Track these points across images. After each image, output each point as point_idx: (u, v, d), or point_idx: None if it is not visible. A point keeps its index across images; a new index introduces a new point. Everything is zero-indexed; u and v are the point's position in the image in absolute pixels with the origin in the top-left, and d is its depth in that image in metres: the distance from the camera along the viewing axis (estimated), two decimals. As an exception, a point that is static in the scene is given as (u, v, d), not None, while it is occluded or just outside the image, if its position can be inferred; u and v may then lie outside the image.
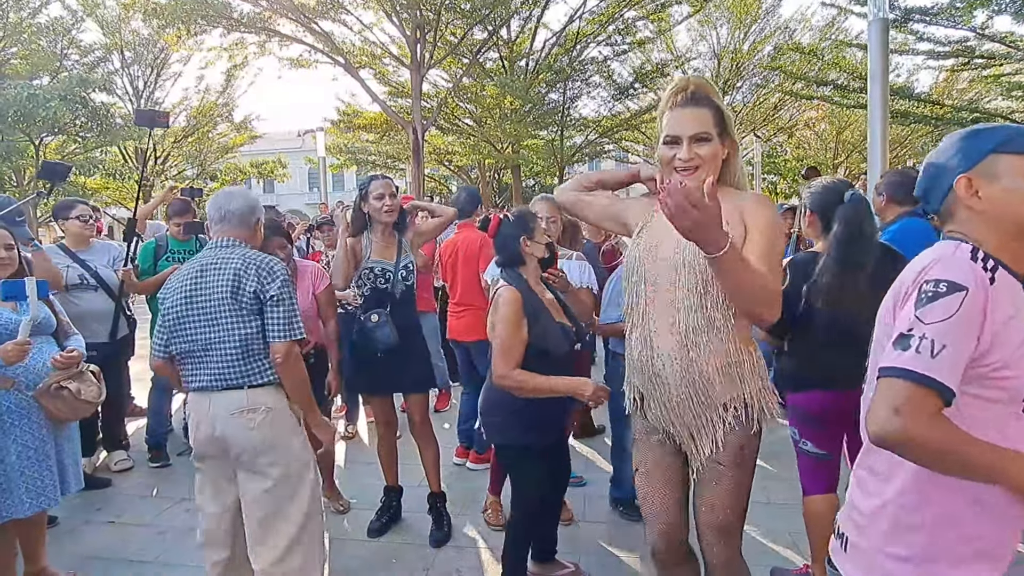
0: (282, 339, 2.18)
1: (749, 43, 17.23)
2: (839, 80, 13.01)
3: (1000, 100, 13.81)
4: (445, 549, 3.11)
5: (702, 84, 1.81)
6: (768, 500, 3.52)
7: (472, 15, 14.42)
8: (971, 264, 1.15)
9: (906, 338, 1.11)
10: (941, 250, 1.21)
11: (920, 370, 1.07)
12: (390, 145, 19.48)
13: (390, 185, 3.22)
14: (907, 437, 1.07)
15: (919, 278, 1.17)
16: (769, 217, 1.74)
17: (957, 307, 1.09)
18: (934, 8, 9.91)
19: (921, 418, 1.07)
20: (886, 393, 1.10)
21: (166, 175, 19.87)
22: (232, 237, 2.29)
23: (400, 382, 3.22)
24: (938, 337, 1.08)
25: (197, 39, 15.64)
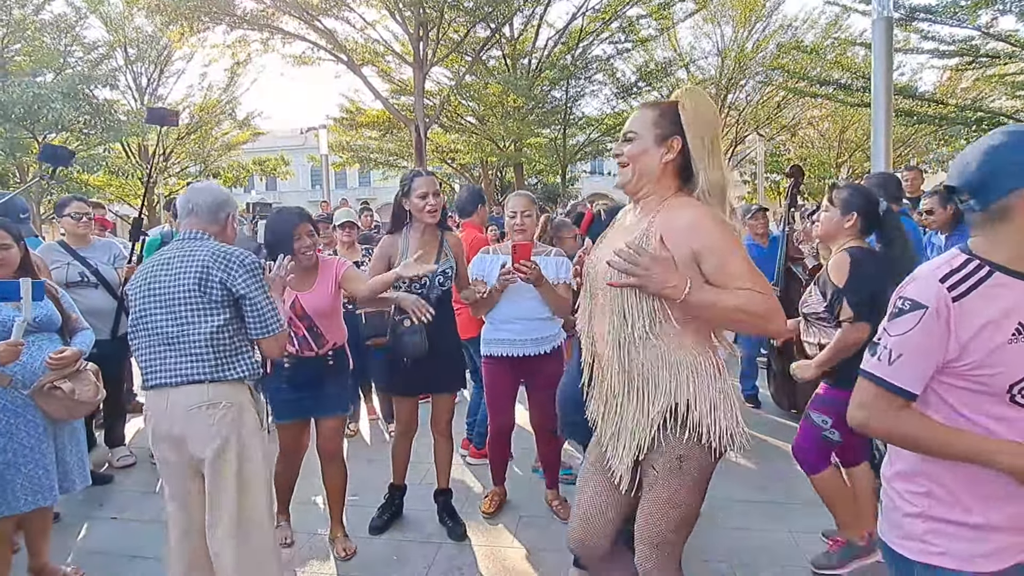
0: (263, 335, 2.17)
1: (752, 41, 17.19)
2: (842, 79, 12.97)
3: (1004, 99, 13.75)
4: (445, 546, 3.11)
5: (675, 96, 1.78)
6: (768, 499, 3.53)
7: (475, 13, 14.43)
8: (937, 286, 1.29)
9: (875, 345, 1.36)
10: (932, 265, 1.36)
11: (880, 374, 1.33)
12: (393, 143, 19.50)
13: (434, 183, 3.08)
14: (868, 427, 1.38)
15: (899, 291, 1.35)
16: (714, 231, 1.64)
17: (915, 323, 1.29)
18: (938, 7, 9.87)
19: (881, 414, 1.34)
20: (858, 390, 1.38)
21: (169, 172, 19.90)
22: (200, 230, 2.24)
23: (428, 384, 3.17)
24: (895, 348, 1.31)
25: (200, 36, 15.70)
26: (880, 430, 1.37)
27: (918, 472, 1.39)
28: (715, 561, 2.73)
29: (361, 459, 4.19)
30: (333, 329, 2.95)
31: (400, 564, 2.98)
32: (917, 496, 1.39)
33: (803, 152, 20.04)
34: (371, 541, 3.16)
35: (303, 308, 2.85)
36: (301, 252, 2.82)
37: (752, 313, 1.59)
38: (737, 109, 18.59)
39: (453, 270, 3.13)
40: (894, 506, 1.44)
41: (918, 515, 1.38)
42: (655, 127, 1.72)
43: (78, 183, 16.82)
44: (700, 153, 1.68)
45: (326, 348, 2.91)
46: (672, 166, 1.72)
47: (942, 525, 1.36)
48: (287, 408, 2.94)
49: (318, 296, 2.88)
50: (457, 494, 3.45)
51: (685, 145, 1.69)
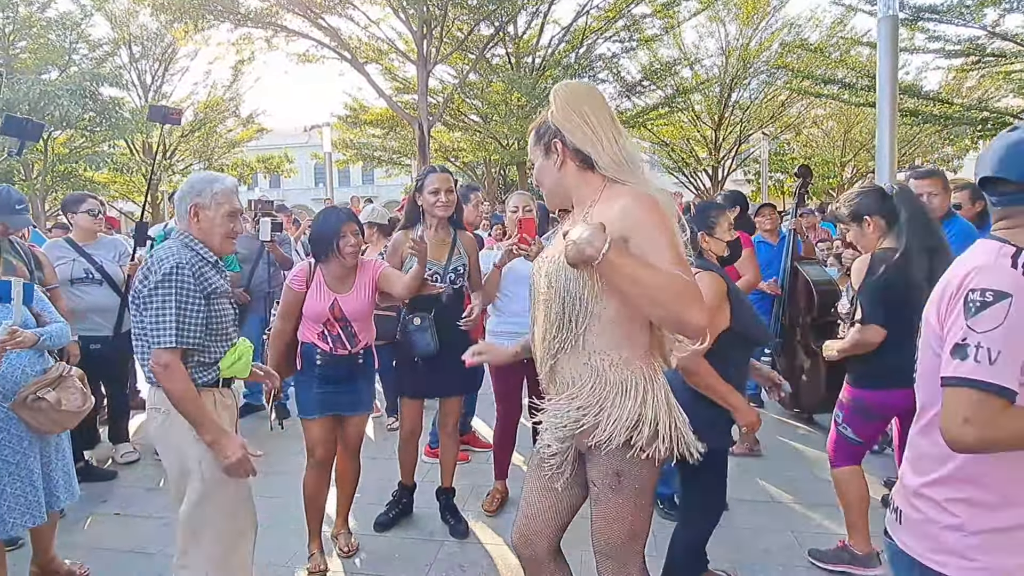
0: (154, 345, 2.02)
1: (757, 40, 17.15)
2: (847, 78, 12.94)
3: (1011, 98, 13.71)
4: (447, 544, 3.12)
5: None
6: (770, 499, 3.53)
7: (479, 11, 14.42)
8: (1011, 271, 1.23)
9: (962, 348, 1.20)
10: (983, 255, 1.29)
11: (982, 378, 1.18)
12: (396, 141, 19.52)
13: (448, 180, 3.10)
14: (980, 441, 1.19)
15: (963, 285, 1.25)
16: (644, 213, 1.55)
17: (1005, 314, 1.18)
18: (944, 6, 9.85)
19: (989, 421, 1.18)
20: (954, 404, 1.21)
21: (173, 169, 19.95)
22: (177, 226, 2.21)
23: (439, 386, 3.17)
24: (993, 344, 1.18)
25: (204, 34, 15.73)
26: (997, 439, 1.20)
27: (960, 476, 1.31)
28: (717, 560, 2.73)
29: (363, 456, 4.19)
30: (365, 329, 2.93)
31: (402, 562, 2.99)
32: (957, 504, 1.31)
33: (807, 151, 19.99)
34: (373, 539, 3.17)
35: (342, 311, 2.82)
36: (346, 251, 2.79)
37: (674, 293, 1.46)
38: (741, 108, 18.54)
39: (466, 268, 3.16)
40: (928, 518, 1.35)
41: (958, 527, 1.30)
42: (537, 142, 1.72)
43: (83, 180, 16.86)
44: (584, 140, 1.63)
45: (359, 347, 2.89)
46: (574, 167, 1.67)
47: (985, 536, 1.29)
48: (317, 404, 2.86)
49: (356, 299, 2.86)
50: (461, 492, 3.45)
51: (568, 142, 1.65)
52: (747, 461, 4.01)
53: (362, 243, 2.93)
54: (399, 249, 3.13)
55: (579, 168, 1.67)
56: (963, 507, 1.29)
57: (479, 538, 3.19)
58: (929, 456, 1.35)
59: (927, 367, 1.37)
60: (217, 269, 2.22)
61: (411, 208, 3.16)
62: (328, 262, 2.82)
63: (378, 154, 20.21)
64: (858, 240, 2.76)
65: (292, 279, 2.86)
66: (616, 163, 1.62)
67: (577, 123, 1.63)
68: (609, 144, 1.62)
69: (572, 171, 1.68)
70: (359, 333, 2.88)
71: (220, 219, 2.16)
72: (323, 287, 2.83)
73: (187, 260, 2.07)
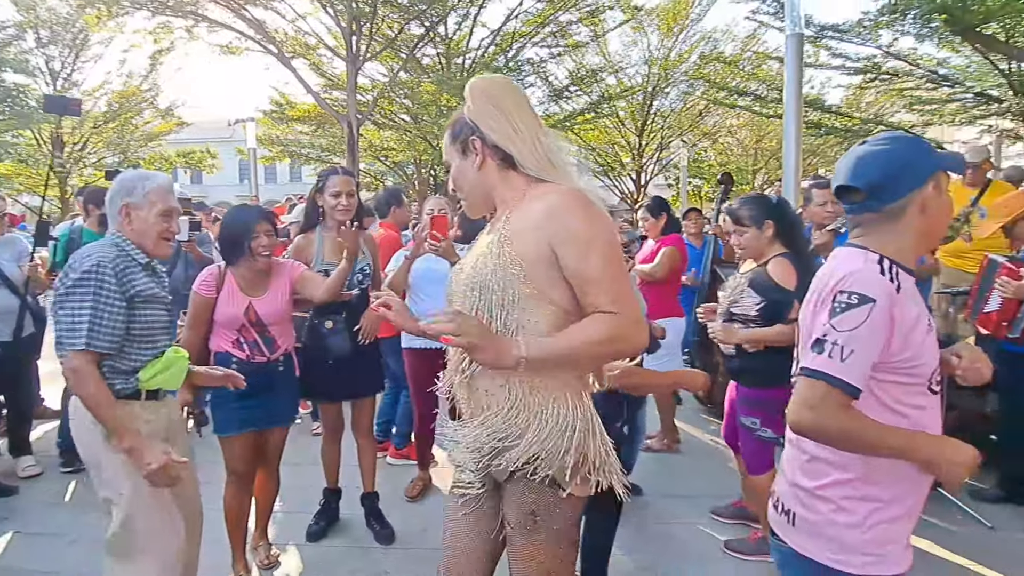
0: (66, 347, 1.91)
1: (677, 51, 17.85)
2: (758, 91, 13.66)
3: (903, 113, 14.81)
4: (372, 551, 3.11)
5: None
6: (688, 492, 3.76)
7: (409, 9, 14.37)
8: (881, 278, 1.32)
9: (821, 343, 1.30)
10: (851, 262, 1.36)
11: (832, 372, 1.28)
12: (324, 138, 19.15)
13: (350, 183, 3.06)
14: (816, 427, 1.30)
15: (834, 288, 1.33)
16: (576, 217, 1.40)
17: (865, 317, 1.27)
18: (845, 26, 10.56)
19: (830, 412, 1.27)
20: (803, 391, 1.32)
21: (84, 163, 18.90)
22: (110, 227, 2.12)
23: (352, 387, 3.15)
24: (848, 343, 1.27)
25: (119, 21, 15.00)
26: (831, 431, 1.29)
27: (857, 477, 1.35)
28: (636, 553, 2.90)
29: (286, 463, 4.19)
30: (284, 334, 2.83)
31: (323, 571, 2.96)
32: (856, 502, 1.35)
33: (723, 159, 20.99)
34: (294, 549, 3.13)
35: (256, 314, 2.70)
36: (258, 252, 2.67)
37: (612, 341, 1.37)
38: (662, 115, 19.26)
39: (371, 268, 3.16)
40: (828, 519, 1.38)
41: (858, 524, 1.35)
42: (453, 141, 1.59)
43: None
44: (504, 137, 1.50)
45: (278, 353, 2.78)
46: (494, 166, 1.54)
47: (883, 527, 1.35)
48: (236, 420, 2.69)
49: (272, 302, 2.75)
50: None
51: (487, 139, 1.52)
52: (665, 456, 4.30)
53: (277, 243, 2.81)
54: (303, 252, 3.07)
55: (500, 167, 1.53)
56: (861, 504, 1.35)
57: (406, 543, 3.19)
58: (825, 460, 1.39)
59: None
60: (150, 272, 2.10)
61: (311, 209, 3.09)
62: (239, 264, 2.69)
63: (306, 151, 19.76)
64: (753, 241, 2.90)
65: (200, 284, 2.70)
66: (539, 161, 1.50)
67: (496, 118, 1.50)
68: (532, 141, 1.50)
69: (492, 170, 1.54)
70: (277, 338, 2.76)
71: (154, 219, 2.05)
72: (235, 291, 2.69)
73: (110, 259, 1.96)
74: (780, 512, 1.49)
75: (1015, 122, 11.95)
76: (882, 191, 1.36)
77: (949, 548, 3.16)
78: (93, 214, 4.20)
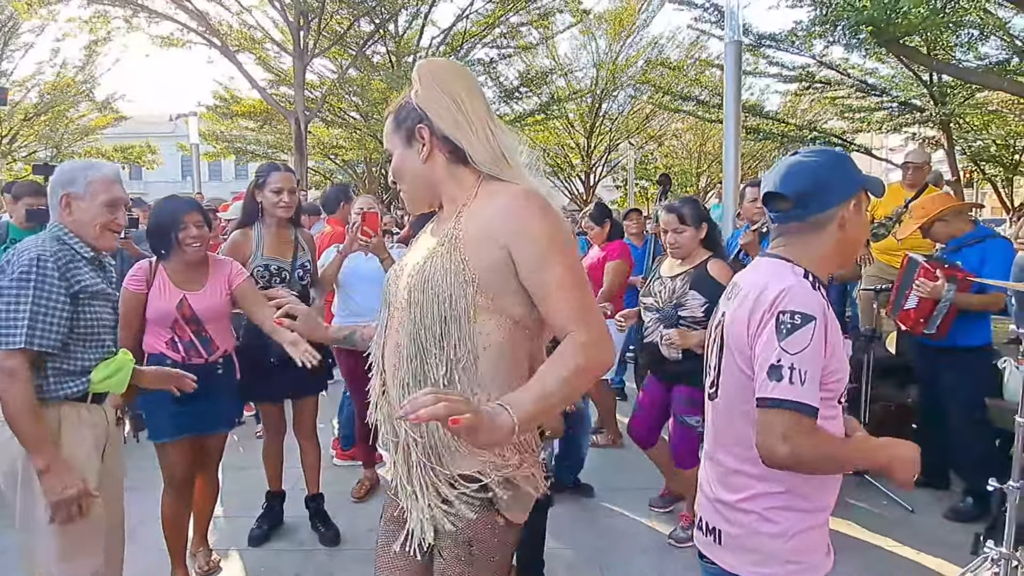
0: (1, 346, 1.76)
1: (624, 55, 18.26)
2: (701, 96, 14.11)
3: (835, 120, 15.54)
4: (316, 553, 3.10)
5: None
6: (632, 487, 3.85)
7: (358, 6, 14.24)
8: (814, 293, 1.32)
9: (777, 369, 1.26)
10: (782, 277, 1.35)
11: (796, 399, 1.24)
12: (272, 135, 18.76)
13: (291, 180, 3.02)
14: (797, 458, 1.25)
15: (774, 307, 1.30)
16: (534, 219, 1.27)
17: (811, 336, 1.26)
18: (780, 35, 11.02)
19: (803, 438, 1.24)
20: (772, 422, 1.25)
21: (14, 156, 18.00)
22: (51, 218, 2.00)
23: (293, 387, 3.08)
24: (801, 365, 1.25)
25: (51, 8, 14.35)
26: (807, 458, 1.25)
27: (778, 487, 1.36)
28: (582, 549, 2.99)
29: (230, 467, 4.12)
30: (223, 334, 2.70)
31: (266, 575, 2.93)
32: (778, 512, 1.36)
33: (668, 161, 21.65)
34: (237, 554, 3.08)
35: (192, 310, 2.57)
36: (186, 244, 2.56)
37: (585, 372, 1.22)
38: (610, 118, 19.70)
39: (311, 264, 3.15)
40: (751, 530, 1.38)
41: (780, 534, 1.35)
42: (397, 130, 1.41)
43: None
44: (455, 128, 1.34)
45: (217, 355, 2.65)
46: (443, 160, 1.37)
47: (805, 535, 1.36)
48: (172, 425, 2.56)
49: (209, 296, 2.62)
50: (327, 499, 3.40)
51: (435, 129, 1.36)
52: (610, 452, 4.41)
53: (209, 236, 2.68)
54: (241, 248, 3.01)
55: (449, 161, 1.37)
56: (783, 514, 1.35)
57: (352, 544, 3.17)
58: (747, 473, 1.39)
59: (735, 383, 1.41)
60: (95, 266, 1.99)
61: (250, 204, 3.05)
62: (170, 258, 2.59)
63: (252, 148, 19.31)
64: (689, 241, 3.02)
65: (129, 279, 2.57)
66: (493, 157, 1.34)
67: (447, 107, 1.33)
68: (485, 134, 1.35)
69: (440, 164, 1.38)
70: (215, 338, 2.64)
71: (97, 209, 1.94)
72: (167, 285, 2.57)
73: (52, 252, 1.85)
74: (706, 533, 1.47)
75: (935, 130, 12.69)
76: (809, 201, 1.38)
77: (871, 530, 3.38)
78: (19, 209, 4.01)
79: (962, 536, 3.20)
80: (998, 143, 14.06)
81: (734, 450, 1.43)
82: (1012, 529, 2.51)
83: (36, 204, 3.96)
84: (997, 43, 10.56)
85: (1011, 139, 13.93)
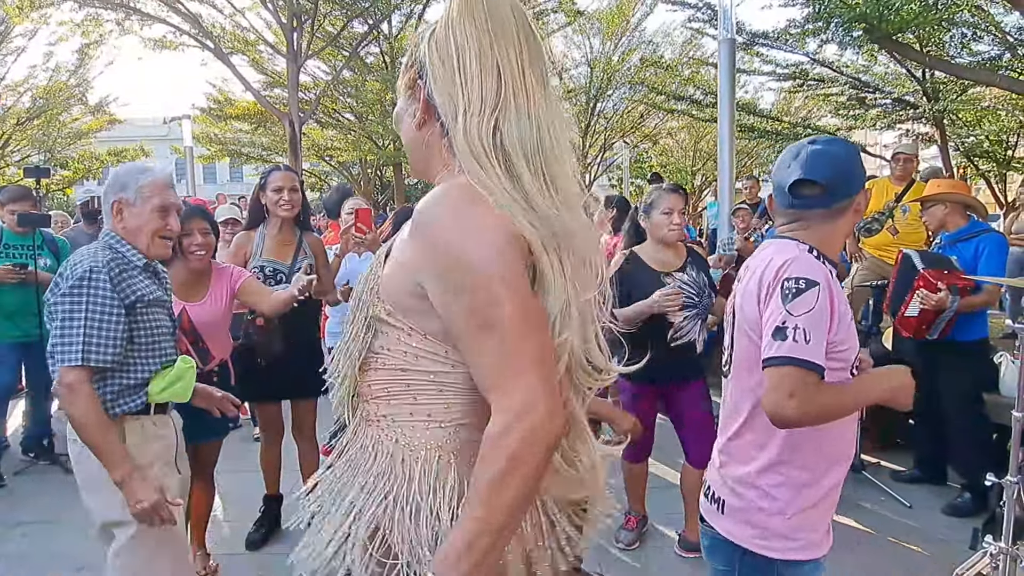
0: (59, 362, 1.76)
1: (619, 54, 18.28)
2: (695, 95, 14.12)
3: (829, 118, 15.58)
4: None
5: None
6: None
7: (352, 7, 14.21)
8: (818, 263, 1.39)
9: (782, 330, 1.31)
10: (785, 250, 1.42)
11: (801, 356, 1.29)
12: (266, 137, 18.73)
13: (292, 179, 3.03)
14: (803, 413, 1.29)
15: (778, 276, 1.36)
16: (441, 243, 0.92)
17: (816, 300, 1.32)
18: (774, 33, 11.03)
19: (809, 394, 1.29)
20: (779, 380, 1.30)
21: (7, 161, 17.91)
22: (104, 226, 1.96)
23: (290, 388, 3.07)
24: (806, 325, 1.30)
25: (43, 12, 14.29)
26: (813, 412, 1.31)
27: (780, 460, 1.41)
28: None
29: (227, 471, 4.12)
30: (220, 343, 2.69)
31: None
32: (780, 488, 1.40)
33: (663, 160, 21.65)
34: (234, 558, 3.07)
35: (190, 321, 2.55)
36: (191, 251, 2.54)
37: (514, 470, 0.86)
38: (605, 117, 19.71)
39: (312, 268, 3.08)
40: (754, 506, 1.43)
41: (780, 511, 1.40)
42: (406, 70, 1.07)
43: None
44: (444, 93, 0.98)
45: (212, 364, 2.62)
46: (437, 130, 1.03)
47: (804, 514, 1.41)
48: None
49: (210, 308, 2.61)
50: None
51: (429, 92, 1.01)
52: None
53: (214, 243, 2.68)
54: (242, 249, 3.02)
55: (441, 134, 1.02)
56: (785, 490, 1.40)
57: None
58: (751, 443, 1.45)
59: (745, 355, 1.46)
60: (150, 273, 1.96)
61: (255, 207, 3.07)
62: (172, 265, 2.49)
63: (246, 150, 19.27)
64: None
65: None
66: (474, 151, 0.94)
67: (449, 60, 0.97)
68: (478, 118, 0.94)
69: (436, 136, 1.03)
70: (212, 348, 2.64)
71: (148, 215, 1.89)
72: None
73: (104, 263, 1.80)
74: (711, 500, 1.54)
75: (929, 127, 12.73)
76: (838, 188, 1.43)
77: (870, 526, 3.40)
78: (11, 214, 4.00)
79: (960, 531, 3.21)
80: (991, 139, 14.10)
81: (740, 421, 1.48)
82: (1010, 524, 2.51)
83: (24, 209, 3.95)
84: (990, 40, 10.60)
85: (1004, 135, 13.96)
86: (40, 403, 4.27)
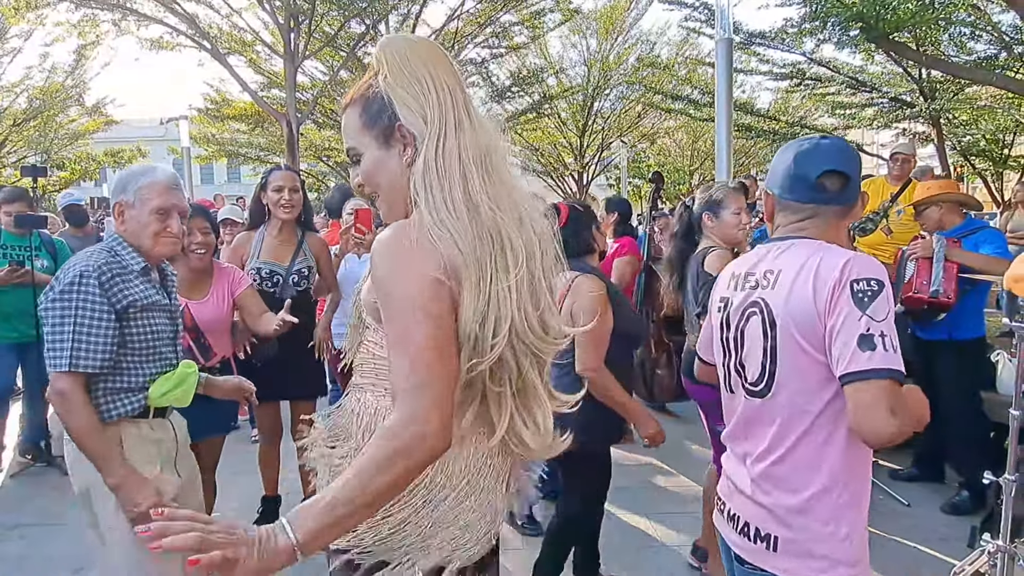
0: (49, 368, 1.74)
1: (615, 53, 18.29)
2: (692, 95, 14.15)
3: (826, 117, 15.61)
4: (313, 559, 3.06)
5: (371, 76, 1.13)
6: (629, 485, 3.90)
7: (349, 7, 14.21)
8: (875, 261, 1.30)
9: (868, 338, 1.18)
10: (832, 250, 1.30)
11: (894, 366, 1.18)
12: (264, 137, 18.70)
13: (293, 178, 3.02)
14: (903, 429, 1.17)
15: (844, 278, 1.23)
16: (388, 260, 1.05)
17: (888, 302, 1.22)
18: (771, 33, 11.05)
19: (902, 406, 1.18)
20: (876, 396, 1.16)
21: (4, 162, 17.87)
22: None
23: (289, 388, 3.06)
24: (889, 331, 1.19)
25: (39, 12, 14.26)
26: (908, 425, 1.19)
27: (836, 480, 1.29)
28: None
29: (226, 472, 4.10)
30: (222, 341, 2.70)
31: None
32: (841, 510, 1.29)
33: (661, 159, 21.69)
34: None
35: (193, 318, 2.55)
36: (191, 250, 2.55)
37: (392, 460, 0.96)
38: (603, 116, 19.70)
39: (311, 270, 3.11)
40: (817, 535, 1.29)
41: (847, 536, 1.29)
42: (369, 127, 1.13)
43: None
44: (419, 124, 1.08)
45: (214, 361, 2.64)
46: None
47: (861, 536, 1.32)
48: None
49: (212, 307, 2.63)
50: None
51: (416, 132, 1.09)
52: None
53: (214, 242, 2.70)
54: (240, 249, 3.02)
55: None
56: (848, 513, 1.29)
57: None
58: (805, 466, 1.31)
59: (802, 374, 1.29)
60: (147, 277, 1.93)
61: (256, 207, 3.07)
62: (174, 264, 2.43)
63: (244, 151, 19.25)
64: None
65: None
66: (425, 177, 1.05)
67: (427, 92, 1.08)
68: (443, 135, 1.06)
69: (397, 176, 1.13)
70: (214, 344, 2.64)
71: (147, 217, 1.87)
72: None
73: (95, 267, 1.79)
74: (753, 539, 1.37)
75: (926, 126, 12.76)
76: (856, 184, 1.39)
77: (868, 525, 3.37)
78: (8, 215, 4.00)
79: (959, 529, 3.21)
80: (987, 138, 14.16)
81: (787, 445, 1.32)
82: (1008, 522, 2.51)
83: (21, 210, 3.95)
84: (986, 39, 10.64)
85: (1000, 134, 14.03)
86: (37, 405, 4.25)
